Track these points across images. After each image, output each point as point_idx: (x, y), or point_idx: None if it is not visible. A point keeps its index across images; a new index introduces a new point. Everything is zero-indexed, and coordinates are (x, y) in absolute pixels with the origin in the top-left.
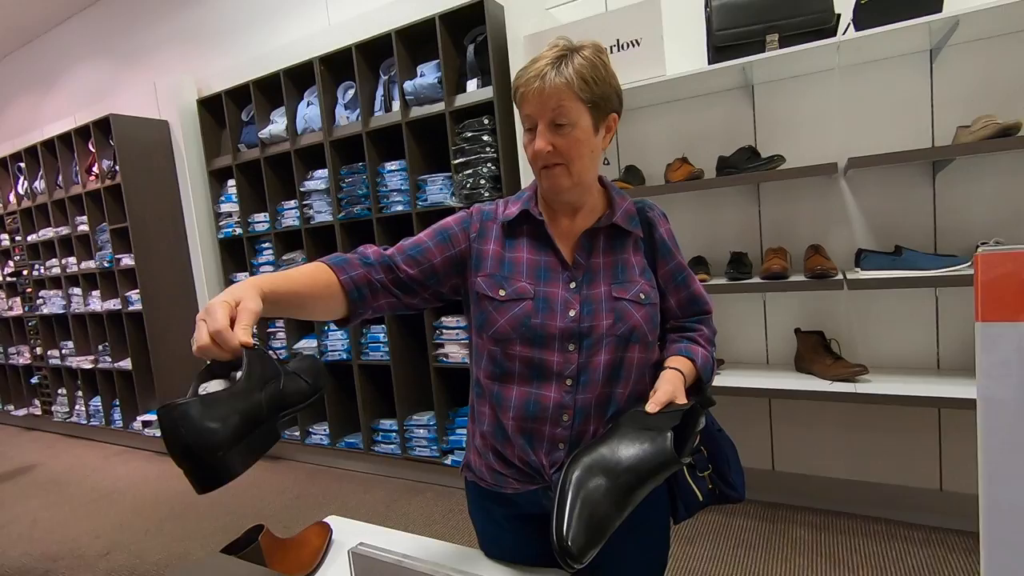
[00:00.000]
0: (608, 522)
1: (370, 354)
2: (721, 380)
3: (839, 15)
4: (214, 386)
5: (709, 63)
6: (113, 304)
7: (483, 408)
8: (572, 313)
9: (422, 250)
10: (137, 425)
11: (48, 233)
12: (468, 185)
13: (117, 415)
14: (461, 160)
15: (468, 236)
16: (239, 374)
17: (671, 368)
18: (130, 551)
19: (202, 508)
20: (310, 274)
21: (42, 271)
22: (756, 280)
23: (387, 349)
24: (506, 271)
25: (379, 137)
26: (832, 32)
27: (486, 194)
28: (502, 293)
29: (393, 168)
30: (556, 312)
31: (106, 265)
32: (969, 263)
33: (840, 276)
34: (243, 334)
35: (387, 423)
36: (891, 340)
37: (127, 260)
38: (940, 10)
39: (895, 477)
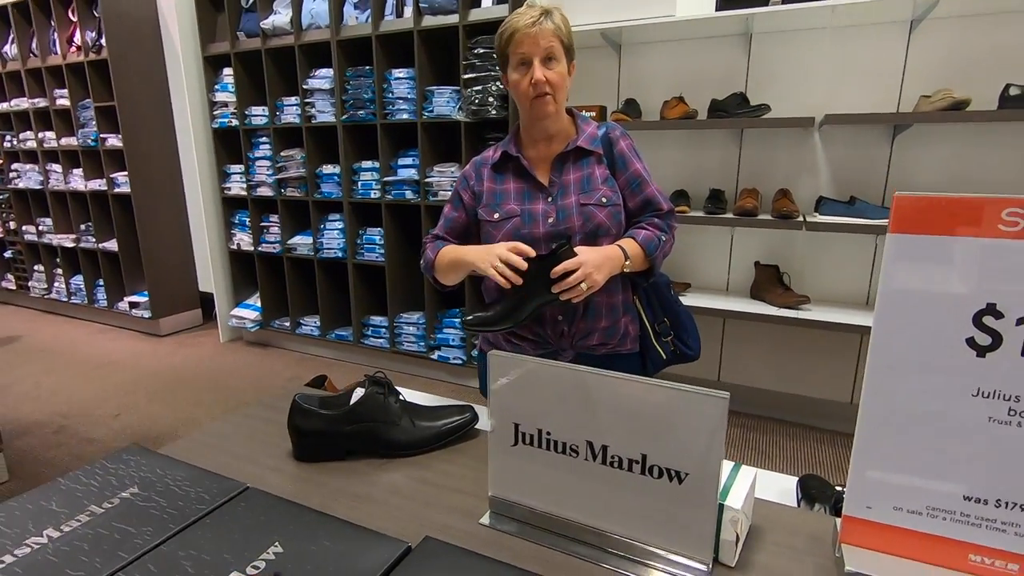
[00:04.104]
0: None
1: (365, 255)
2: (685, 301)
3: None
4: (357, 393)
5: (717, 9)
6: (98, 184)
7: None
8: (551, 220)
9: (451, 220)
10: (124, 305)
11: (22, 104)
12: (476, 101)
13: (101, 294)
14: (471, 76)
15: (471, 190)
16: (355, 398)
17: (614, 244)
18: (139, 413)
19: (201, 383)
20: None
21: (15, 143)
22: (729, 215)
23: (382, 251)
24: (498, 199)
25: (388, 42)
26: None
27: (493, 112)
28: (496, 216)
29: (401, 75)
30: (539, 222)
31: (90, 144)
32: None
33: (801, 218)
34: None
35: (377, 319)
36: (834, 277)
37: (114, 140)
38: None
39: (815, 391)
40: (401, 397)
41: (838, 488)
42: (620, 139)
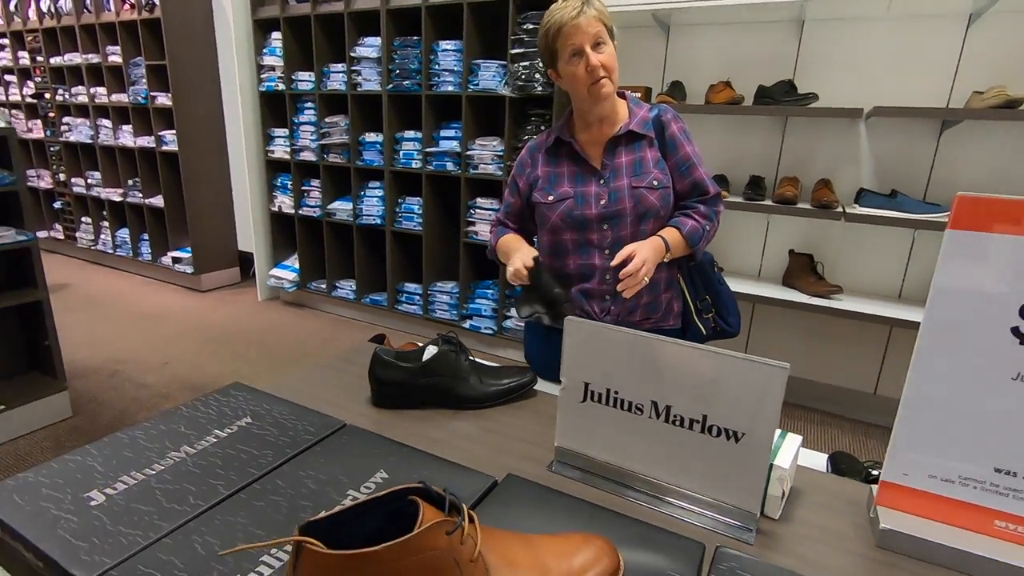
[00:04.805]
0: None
1: (403, 223)
2: None
3: None
4: (430, 350)
5: None
6: (147, 141)
7: None
8: (603, 202)
9: (509, 205)
10: (167, 260)
11: (75, 59)
12: (523, 77)
13: (145, 248)
14: (519, 51)
15: (527, 178)
16: (428, 354)
17: (656, 235)
18: (188, 363)
19: (244, 338)
20: (518, 237)
21: (67, 97)
22: (768, 202)
23: (420, 220)
24: (553, 181)
25: (437, 13)
26: None
27: (539, 88)
28: (551, 198)
29: (448, 47)
30: (591, 203)
31: (140, 101)
32: (947, 213)
33: (840, 209)
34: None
35: (412, 286)
36: (868, 268)
37: (163, 99)
38: None
39: (840, 380)
40: (471, 357)
41: (866, 464)
42: (672, 122)
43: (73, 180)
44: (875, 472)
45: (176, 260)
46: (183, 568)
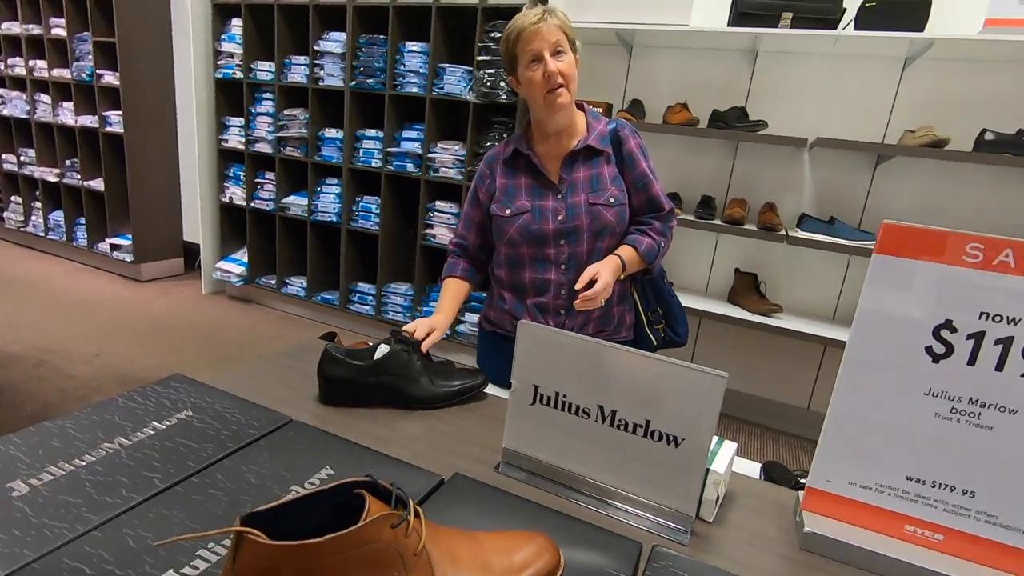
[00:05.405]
0: None
1: (360, 222)
2: None
3: (845, 10)
4: (382, 349)
5: (729, 24)
6: (89, 121)
7: (503, 292)
8: (560, 217)
9: (469, 218)
10: (104, 247)
11: (14, 28)
12: (488, 84)
13: (81, 233)
14: (485, 58)
15: (487, 189)
16: (380, 353)
17: (614, 254)
18: (121, 355)
19: (183, 331)
20: (456, 290)
21: (2, 68)
22: (717, 222)
23: (377, 220)
24: (510, 194)
25: (405, 14)
26: (835, 24)
27: (503, 96)
28: (508, 211)
29: (415, 49)
30: (548, 218)
31: (85, 78)
32: None
33: (783, 232)
34: (423, 346)
35: (365, 286)
36: (806, 290)
37: (110, 78)
38: (922, 30)
39: (776, 395)
40: (432, 355)
41: (795, 473)
42: (630, 137)
43: (4, 156)
44: (803, 480)
45: (115, 247)
46: (112, 562)
